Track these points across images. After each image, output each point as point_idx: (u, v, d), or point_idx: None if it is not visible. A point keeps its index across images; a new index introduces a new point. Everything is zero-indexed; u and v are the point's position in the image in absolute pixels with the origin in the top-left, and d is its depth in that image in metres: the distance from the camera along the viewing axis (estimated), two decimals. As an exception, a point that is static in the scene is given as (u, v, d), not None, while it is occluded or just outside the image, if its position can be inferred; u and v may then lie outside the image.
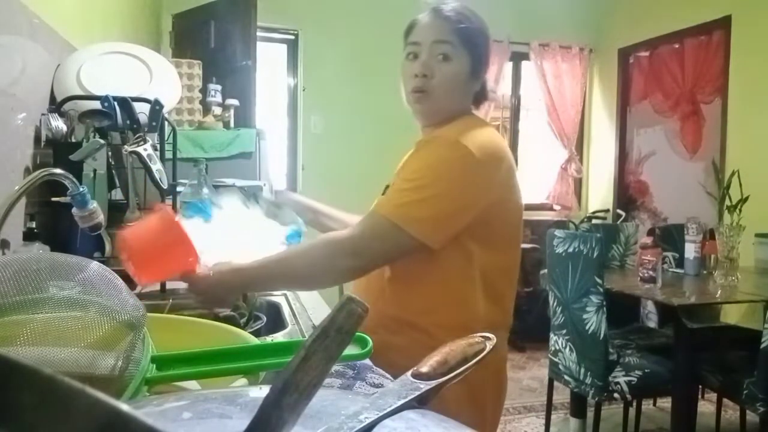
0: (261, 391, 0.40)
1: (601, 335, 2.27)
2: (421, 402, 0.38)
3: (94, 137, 1.38)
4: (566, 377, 2.49)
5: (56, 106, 1.48)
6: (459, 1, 1.17)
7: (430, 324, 1.09)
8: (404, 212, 1.02)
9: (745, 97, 3.74)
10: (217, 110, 2.71)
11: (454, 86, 1.13)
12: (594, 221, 4.49)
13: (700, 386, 2.70)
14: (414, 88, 1.13)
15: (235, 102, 2.79)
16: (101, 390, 0.17)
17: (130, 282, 0.88)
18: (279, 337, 1.09)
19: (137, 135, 1.32)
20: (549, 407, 2.78)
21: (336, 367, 0.84)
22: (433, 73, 1.11)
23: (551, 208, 4.93)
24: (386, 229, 1.02)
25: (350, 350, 0.65)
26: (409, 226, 1.01)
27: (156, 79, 1.69)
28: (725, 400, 2.76)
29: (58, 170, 1.10)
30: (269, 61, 4.34)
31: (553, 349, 2.58)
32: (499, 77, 4.68)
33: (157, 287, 1.35)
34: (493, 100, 1.28)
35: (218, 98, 2.76)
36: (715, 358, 2.43)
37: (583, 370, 2.37)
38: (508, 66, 4.86)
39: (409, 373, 0.40)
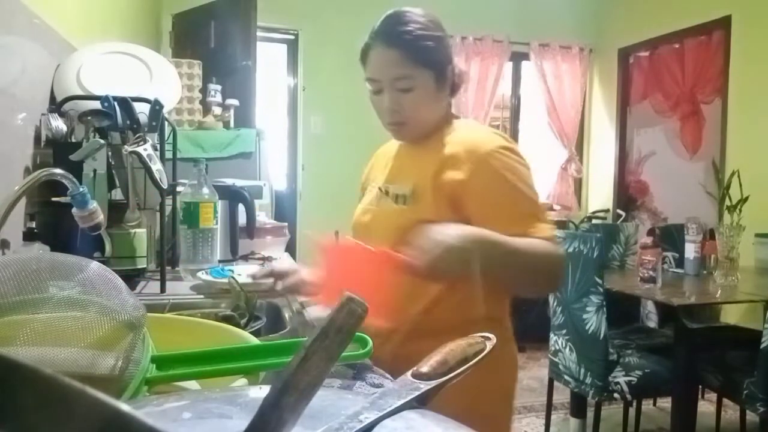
0: (261, 391, 0.40)
1: (601, 335, 2.27)
2: (421, 402, 0.38)
3: (94, 137, 1.37)
4: (566, 377, 2.49)
5: (56, 106, 1.48)
6: (409, 10, 1.14)
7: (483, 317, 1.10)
8: (548, 224, 1.07)
9: (745, 97, 3.74)
10: (217, 110, 2.71)
11: (426, 106, 1.15)
12: (594, 221, 4.49)
13: (700, 386, 2.70)
14: (389, 123, 1.17)
15: (235, 102, 2.79)
16: (101, 390, 0.17)
17: (130, 282, 0.88)
18: (279, 337, 1.08)
19: (137, 135, 1.32)
20: (549, 407, 2.78)
21: (336, 367, 0.84)
22: (402, 106, 1.13)
23: (551, 208, 4.92)
24: (560, 249, 1.08)
25: (350, 350, 0.65)
26: (554, 234, 1.07)
27: (156, 79, 1.69)
28: (725, 400, 2.76)
29: (58, 170, 1.10)
30: (269, 61, 4.34)
31: (553, 349, 2.58)
32: (499, 77, 4.68)
33: (157, 290, 1.35)
34: (464, 82, 1.25)
35: (218, 98, 2.76)
36: (715, 358, 2.43)
37: (583, 370, 2.37)
38: (508, 66, 4.86)
39: (409, 373, 0.40)
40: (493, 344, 0.45)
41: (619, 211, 4.67)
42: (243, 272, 1.41)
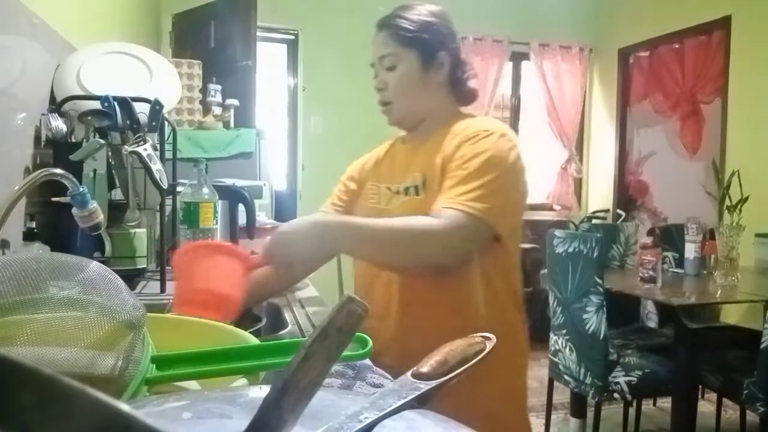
0: (261, 391, 0.40)
1: (601, 335, 2.27)
2: (421, 402, 0.38)
3: (94, 137, 1.37)
4: (566, 377, 2.49)
5: (56, 106, 1.48)
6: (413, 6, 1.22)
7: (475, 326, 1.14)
8: (480, 204, 1.04)
9: (745, 97, 3.74)
10: (217, 110, 2.71)
11: (407, 87, 1.20)
12: (594, 221, 4.49)
13: (700, 386, 2.70)
14: (379, 103, 1.24)
15: (235, 102, 2.79)
16: (101, 390, 0.17)
17: (130, 282, 0.88)
18: (279, 337, 1.08)
19: (137, 135, 1.32)
20: (549, 407, 2.78)
21: (336, 367, 0.84)
22: (386, 84, 1.21)
23: (551, 208, 4.93)
24: (468, 222, 1.04)
25: (350, 350, 0.65)
26: (488, 216, 1.05)
27: (156, 79, 1.69)
28: (725, 400, 2.76)
29: (58, 170, 1.10)
30: (269, 61, 4.34)
31: (553, 349, 2.58)
32: (499, 77, 4.68)
33: (156, 289, 1.35)
34: (471, 77, 1.27)
35: (218, 98, 2.76)
36: (715, 358, 2.43)
37: (583, 370, 2.37)
38: (508, 66, 4.86)
39: (409, 373, 0.40)
40: (493, 344, 0.45)
41: (619, 211, 4.67)
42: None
